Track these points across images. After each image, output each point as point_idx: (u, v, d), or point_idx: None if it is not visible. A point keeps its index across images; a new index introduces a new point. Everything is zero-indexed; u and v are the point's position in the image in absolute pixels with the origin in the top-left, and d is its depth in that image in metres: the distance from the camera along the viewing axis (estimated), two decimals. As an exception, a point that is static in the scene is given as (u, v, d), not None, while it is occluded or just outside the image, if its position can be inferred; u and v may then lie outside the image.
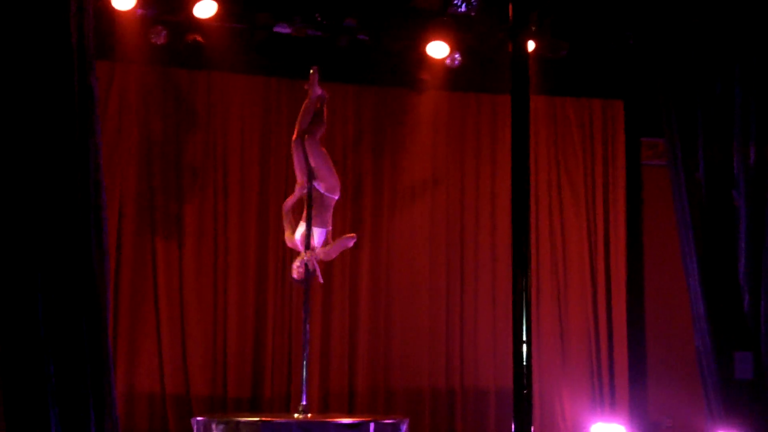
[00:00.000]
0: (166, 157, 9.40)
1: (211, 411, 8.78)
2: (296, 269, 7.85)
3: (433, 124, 10.16)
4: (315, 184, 7.88)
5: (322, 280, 8.04)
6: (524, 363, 4.32)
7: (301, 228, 7.85)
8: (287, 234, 7.96)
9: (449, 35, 9.38)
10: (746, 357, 8.10)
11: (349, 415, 8.81)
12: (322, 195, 7.88)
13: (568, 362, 10.00)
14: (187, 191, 9.43)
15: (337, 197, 8.00)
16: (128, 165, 9.26)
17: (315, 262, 7.82)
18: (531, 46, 7.81)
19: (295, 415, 7.80)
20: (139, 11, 8.69)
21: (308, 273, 7.81)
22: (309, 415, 7.73)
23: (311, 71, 8.09)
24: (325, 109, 8.17)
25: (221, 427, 7.50)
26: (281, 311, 9.49)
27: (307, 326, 8.10)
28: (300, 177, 7.95)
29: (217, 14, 8.80)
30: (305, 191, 7.86)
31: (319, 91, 8.11)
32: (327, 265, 8.30)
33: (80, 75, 6.64)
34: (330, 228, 7.96)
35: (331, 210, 7.96)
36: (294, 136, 8.07)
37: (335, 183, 7.98)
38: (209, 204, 9.49)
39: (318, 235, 7.86)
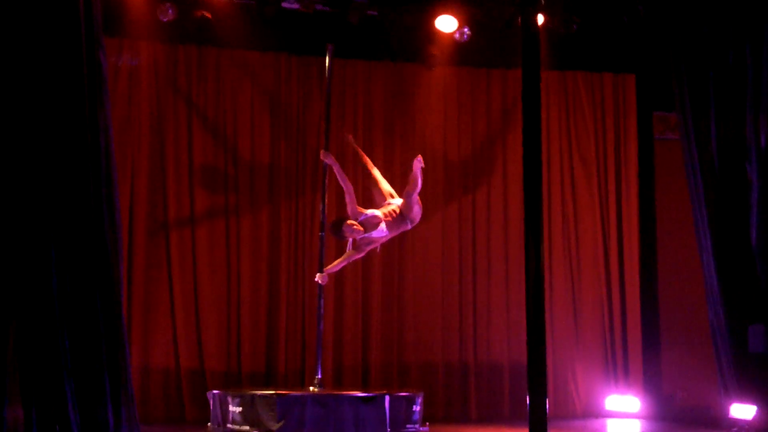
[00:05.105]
0: (177, 134, 9.38)
1: (225, 386, 8.79)
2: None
3: (444, 100, 10.11)
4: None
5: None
6: (538, 337, 4.32)
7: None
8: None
9: (458, 9, 9.35)
10: (759, 330, 8.08)
11: (364, 389, 8.84)
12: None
13: (582, 335, 9.99)
14: (198, 167, 9.41)
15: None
16: (139, 142, 9.23)
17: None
18: (540, 20, 7.74)
19: (311, 389, 7.84)
20: (148, -13, 8.69)
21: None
22: (324, 388, 7.77)
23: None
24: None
25: (237, 400, 7.53)
26: (294, 286, 9.48)
27: (321, 301, 8.12)
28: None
29: (225, -10, 8.81)
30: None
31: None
32: (339, 241, 8.23)
33: (88, 49, 6.61)
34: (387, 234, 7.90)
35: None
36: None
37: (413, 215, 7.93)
38: (221, 179, 9.48)
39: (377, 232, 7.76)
